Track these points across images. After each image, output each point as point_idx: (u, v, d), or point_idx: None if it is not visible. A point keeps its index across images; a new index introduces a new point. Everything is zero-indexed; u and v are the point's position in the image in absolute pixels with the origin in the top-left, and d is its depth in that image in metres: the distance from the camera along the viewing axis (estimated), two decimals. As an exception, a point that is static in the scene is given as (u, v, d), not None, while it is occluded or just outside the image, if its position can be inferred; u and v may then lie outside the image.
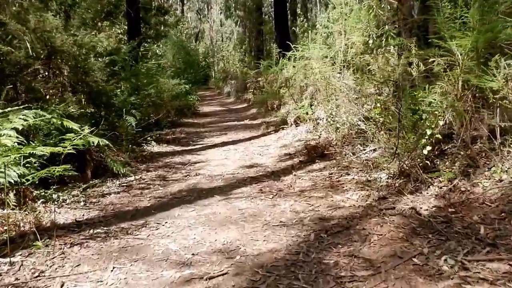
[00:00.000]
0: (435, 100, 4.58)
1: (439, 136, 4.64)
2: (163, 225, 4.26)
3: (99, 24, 13.88)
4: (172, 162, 7.60)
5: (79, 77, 6.63)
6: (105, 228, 4.27)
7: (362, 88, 8.11)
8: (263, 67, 16.84)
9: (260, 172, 6.48)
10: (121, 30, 15.83)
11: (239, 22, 31.31)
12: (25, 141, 5.05)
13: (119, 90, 9.55)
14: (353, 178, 5.36)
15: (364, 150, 6.37)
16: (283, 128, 10.44)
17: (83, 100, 7.13)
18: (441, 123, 4.58)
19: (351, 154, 6.30)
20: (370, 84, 7.74)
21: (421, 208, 4.07)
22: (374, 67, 8.72)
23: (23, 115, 5.09)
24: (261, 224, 4.14)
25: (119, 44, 13.25)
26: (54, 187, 5.57)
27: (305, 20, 30.84)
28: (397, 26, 6.38)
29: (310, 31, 14.07)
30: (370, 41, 9.72)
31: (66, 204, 5.05)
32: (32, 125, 5.21)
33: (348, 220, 4.04)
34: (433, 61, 4.75)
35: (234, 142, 9.55)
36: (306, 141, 8.35)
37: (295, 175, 6.00)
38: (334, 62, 10.23)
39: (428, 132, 4.55)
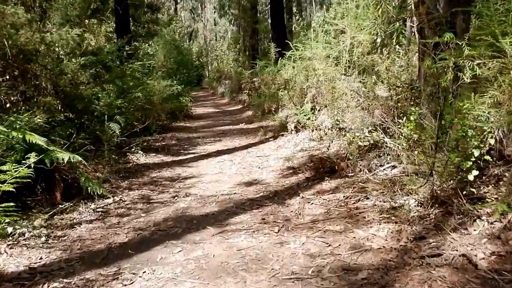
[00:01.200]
0: (484, 112, 3.58)
1: (488, 158, 3.66)
2: (140, 277, 3.23)
3: (86, 21, 12.83)
4: (159, 176, 6.57)
5: (49, 80, 5.58)
6: (65, 280, 3.24)
7: (371, 92, 7.15)
8: (259, 67, 15.84)
9: (261, 191, 5.47)
10: (112, 29, 14.78)
11: (233, 21, 30.25)
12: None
13: (102, 94, 8.52)
14: (374, 205, 4.36)
15: (382, 166, 5.38)
16: (282, 135, 9.43)
17: (56, 107, 6.10)
18: (491, 141, 3.59)
19: (367, 171, 5.30)
20: (382, 87, 6.76)
21: (475, 256, 3.07)
22: (381, 67, 7.78)
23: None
24: (267, 276, 3.13)
25: (108, 43, 12.22)
26: (10, 214, 4.57)
27: (300, 19, 29.85)
28: (417, 22, 5.38)
29: (310, 30, 13.08)
30: (378, 40, 8.75)
31: (23, 240, 4.01)
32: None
33: (382, 272, 3.03)
34: (478, 64, 3.75)
35: (229, 151, 8.52)
36: (310, 152, 7.36)
37: (302, 197, 4.99)
38: (338, 63, 9.23)
39: (476, 153, 3.56)
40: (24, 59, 5.37)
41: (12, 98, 4.96)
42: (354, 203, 4.53)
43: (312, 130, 8.66)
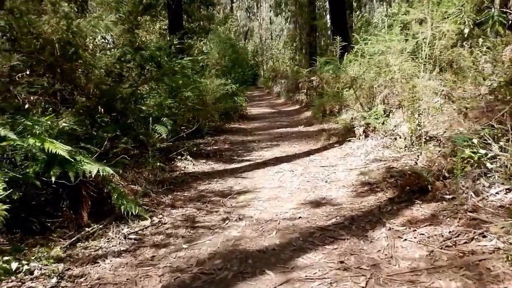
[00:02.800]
0: None
1: None
2: None
3: (139, 18, 12.08)
4: (208, 190, 5.53)
5: (82, 77, 4.66)
6: None
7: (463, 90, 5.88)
8: (319, 64, 14.60)
9: (332, 216, 4.31)
10: (166, 27, 14.00)
11: (289, 18, 29.06)
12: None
13: (151, 93, 7.62)
14: (498, 248, 3.10)
15: (492, 187, 4.09)
16: (349, 140, 8.21)
17: (92, 108, 5.19)
18: None
19: (473, 194, 4.03)
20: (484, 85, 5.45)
21: None
22: (468, 62, 6.48)
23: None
24: None
25: (160, 39, 11.40)
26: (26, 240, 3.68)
27: (360, 14, 28.29)
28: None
29: (372, 25, 11.84)
30: (466, 30, 7.37)
31: (29, 281, 3.05)
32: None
33: None
34: None
35: (289, 159, 7.39)
36: (387, 163, 6.13)
37: (389, 228, 3.79)
38: (415, 57, 7.89)
39: None
40: (52, 51, 4.46)
41: (32, 98, 4.05)
42: (466, 242, 3.28)
43: (386, 136, 7.42)
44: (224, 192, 5.43)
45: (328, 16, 27.57)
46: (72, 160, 3.75)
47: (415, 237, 3.52)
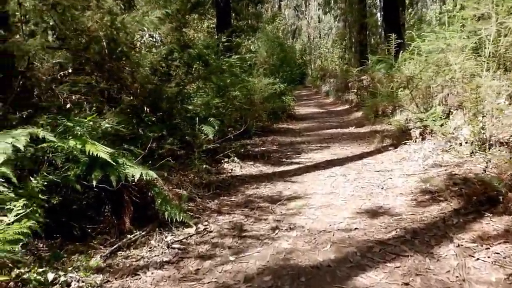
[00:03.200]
0: None
1: None
2: None
3: (187, 16, 11.95)
4: (256, 195, 5.22)
5: (129, 76, 4.46)
6: None
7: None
8: (371, 63, 14.06)
9: (392, 228, 3.91)
10: (215, 25, 13.84)
11: (339, 16, 28.43)
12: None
13: (198, 92, 7.41)
14: None
15: None
16: (404, 143, 7.72)
17: (139, 107, 5.00)
18: None
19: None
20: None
21: None
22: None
23: (12, 137, 3.00)
24: None
25: (207, 37, 11.23)
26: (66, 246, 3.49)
27: (413, 12, 27.33)
28: None
29: (425, 22, 11.22)
30: (538, 25, 6.75)
31: (65, 294, 2.85)
32: (22, 155, 3.09)
33: None
34: None
35: (340, 162, 6.99)
36: (448, 169, 5.64)
37: (458, 245, 3.36)
38: (478, 56, 7.30)
39: None
40: (99, 49, 4.27)
41: (74, 97, 3.87)
42: (553, 266, 2.83)
43: (445, 139, 6.90)
44: (273, 197, 5.11)
45: (378, 14, 26.83)
46: (114, 163, 3.53)
47: (488, 257, 3.08)
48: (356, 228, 3.95)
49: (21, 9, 3.79)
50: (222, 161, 6.75)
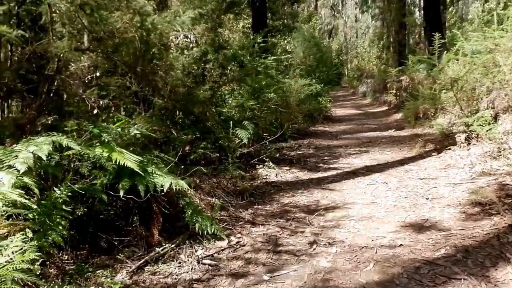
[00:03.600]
0: None
1: None
2: None
3: (222, 16, 11.76)
4: (292, 204, 4.93)
5: (161, 79, 4.25)
6: None
7: None
8: (411, 63, 13.52)
9: (441, 245, 3.54)
10: (250, 25, 13.60)
11: (376, 15, 27.72)
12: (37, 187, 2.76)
13: (232, 94, 7.18)
14: None
15: None
16: (448, 148, 7.29)
17: (170, 112, 4.80)
18: None
19: None
20: None
21: None
22: None
23: (35, 145, 2.81)
24: None
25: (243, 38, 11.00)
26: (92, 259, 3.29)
27: (454, 10, 26.42)
28: None
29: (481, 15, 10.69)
30: None
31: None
32: (46, 163, 2.90)
33: None
34: None
35: (381, 168, 6.63)
36: (498, 177, 5.22)
37: (521, 270, 2.99)
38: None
39: None
40: (131, 51, 4.08)
41: (101, 102, 3.68)
42: None
43: (493, 145, 6.44)
44: (310, 207, 4.81)
45: (417, 13, 26.03)
46: (142, 172, 3.31)
47: (560, 286, 2.70)
48: (401, 245, 3.61)
49: (50, 10, 3.62)
50: (257, 166, 6.49)
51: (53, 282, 2.74)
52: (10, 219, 2.78)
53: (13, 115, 3.75)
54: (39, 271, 2.57)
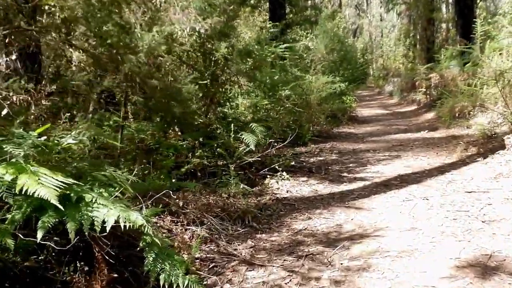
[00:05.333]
0: None
1: None
2: None
3: (237, 10, 10.54)
4: (307, 232, 3.65)
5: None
6: None
7: None
8: (444, 58, 12.04)
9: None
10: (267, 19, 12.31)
11: (402, 13, 26.03)
12: None
13: (237, 92, 5.98)
14: None
15: None
16: (495, 152, 5.95)
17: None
18: None
19: None
20: None
21: None
22: None
23: None
24: None
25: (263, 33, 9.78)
26: None
27: (484, 5, 24.55)
28: None
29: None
30: None
31: None
32: None
33: None
34: None
35: (417, 178, 5.31)
36: None
37: None
38: None
39: None
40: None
41: (16, 98, 2.48)
42: None
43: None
44: (330, 235, 3.53)
45: (444, 9, 24.24)
46: (72, 203, 2.12)
47: None
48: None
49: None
50: (268, 177, 5.26)
51: None
52: None
53: None
54: None
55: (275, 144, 5.71)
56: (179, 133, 5.16)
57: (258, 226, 3.69)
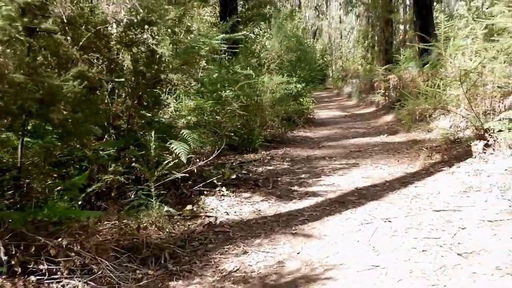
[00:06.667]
0: None
1: None
2: None
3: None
4: (239, 275, 2.76)
5: None
6: None
7: None
8: (404, 58, 11.46)
9: None
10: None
11: (361, 15, 25.64)
12: None
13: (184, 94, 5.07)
14: None
15: None
16: (458, 159, 5.32)
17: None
18: None
19: None
20: None
21: None
22: None
23: None
24: None
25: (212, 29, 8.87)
26: None
27: (438, 10, 24.44)
28: None
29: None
30: None
31: None
32: None
33: None
34: None
35: (377, 192, 4.52)
36: None
37: None
38: None
39: None
40: None
41: None
42: None
43: None
44: (267, 280, 2.65)
45: (401, 11, 23.94)
46: None
47: None
48: None
49: None
50: (205, 192, 4.36)
51: None
52: None
53: None
54: None
55: (220, 152, 4.82)
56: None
57: (176, 267, 2.76)
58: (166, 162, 3.68)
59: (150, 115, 4.07)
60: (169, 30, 4.40)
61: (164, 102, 4.65)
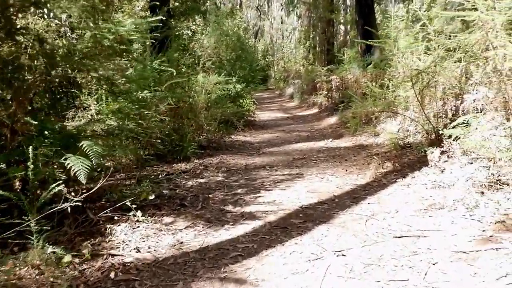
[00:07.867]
0: None
1: None
2: None
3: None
4: None
5: None
6: None
7: None
8: (348, 58, 10.93)
9: None
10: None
11: (302, 16, 25.26)
12: None
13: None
14: None
15: None
16: (412, 168, 4.74)
17: None
18: None
19: None
20: None
21: None
22: None
23: None
24: None
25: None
26: None
27: (379, 11, 24.54)
28: None
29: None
30: None
31: None
32: None
33: None
34: None
35: (325, 212, 3.78)
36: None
37: None
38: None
39: None
40: None
41: None
42: None
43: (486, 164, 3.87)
44: None
45: (342, 12, 23.77)
46: None
47: None
48: None
49: None
50: (115, 218, 3.43)
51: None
52: None
53: None
54: None
55: (145, 162, 3.89)
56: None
57: None
58: (55, 184, 2.73)
59: (36, 122, 3.07)
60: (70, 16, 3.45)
61: (73, 104, 3.68)
